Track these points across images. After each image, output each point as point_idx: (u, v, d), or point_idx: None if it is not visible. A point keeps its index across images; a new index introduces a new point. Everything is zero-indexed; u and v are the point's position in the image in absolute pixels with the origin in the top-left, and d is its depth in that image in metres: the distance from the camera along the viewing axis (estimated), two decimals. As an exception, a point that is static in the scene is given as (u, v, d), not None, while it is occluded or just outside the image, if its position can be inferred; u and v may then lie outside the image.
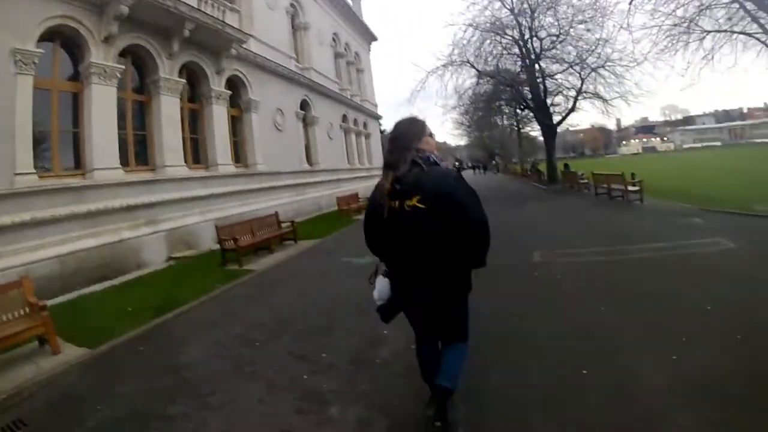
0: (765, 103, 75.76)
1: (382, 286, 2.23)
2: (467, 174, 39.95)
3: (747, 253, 5.55)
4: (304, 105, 14.66)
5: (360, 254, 6.67)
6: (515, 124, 32.39)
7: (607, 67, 18.10)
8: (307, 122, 14.92)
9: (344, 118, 18.70)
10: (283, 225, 8.79)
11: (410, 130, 2.20)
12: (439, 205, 2.00)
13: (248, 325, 4.06)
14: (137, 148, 7.82)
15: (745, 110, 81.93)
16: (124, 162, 7.27)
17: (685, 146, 76.05)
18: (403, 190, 2.05)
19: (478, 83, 21.63)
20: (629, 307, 3.95)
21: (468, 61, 19.53)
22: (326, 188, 15.08)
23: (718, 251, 5.78)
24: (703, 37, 11.08)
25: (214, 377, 3.00)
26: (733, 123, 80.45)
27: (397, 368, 2.93)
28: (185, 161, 8.65)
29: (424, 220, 2.02)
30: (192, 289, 5.37)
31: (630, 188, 12.35)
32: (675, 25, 11.26)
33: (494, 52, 19.92)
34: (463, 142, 56.61)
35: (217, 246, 7.12)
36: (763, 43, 10.21)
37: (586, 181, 16.95)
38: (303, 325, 4.00)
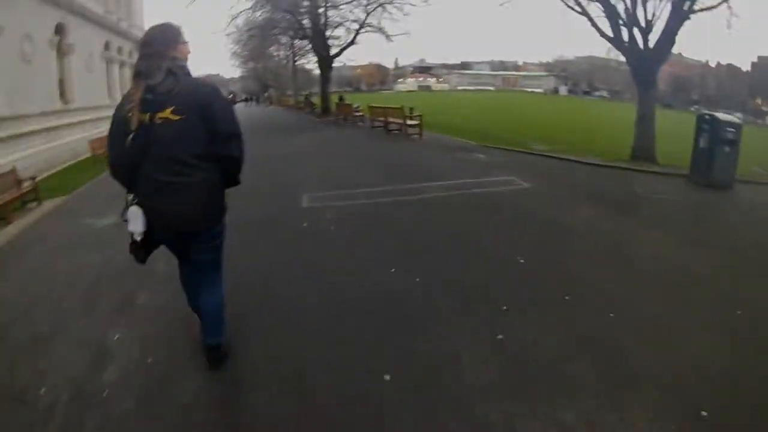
0: (540, 61, 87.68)
1: (135, 216, 1.94)
2: (239, 106, 37.60)
3: (544, 195, 5.33)
4: (59, 30, 12.38)
5: (103, 212, 5.55)
6: (291, 55, 31.92)
7: (395, 3, 18.93)
8: (62, 51, 12.72)
9: (107, 45, 16.34)
10: (26, 184, 7.15)
11: (165, 36, 2.04)
12: (193, 116, 1.90)
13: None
14: None
15: (520, 63, 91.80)
16: None
17: (460, 88, 78.32)
18: (156, 101, 1.88)
19: (254, 9, 20.28)
20: (425, 266, 3.27)
21: None
22: (85, 130, 13.48)
23: (514, 191, 5.51)
24: None
25: None
26: (507, 72, 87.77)
27: (128, 404, 2.04)
28: None
29: (175, 133, 1.88)
30: None
31: (409, 122, 12.15)
32: None
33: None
34: (237, 74, 53.04)
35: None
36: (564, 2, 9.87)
37: (361, 113, 16.92)
38: (20, 337, 2.80)
